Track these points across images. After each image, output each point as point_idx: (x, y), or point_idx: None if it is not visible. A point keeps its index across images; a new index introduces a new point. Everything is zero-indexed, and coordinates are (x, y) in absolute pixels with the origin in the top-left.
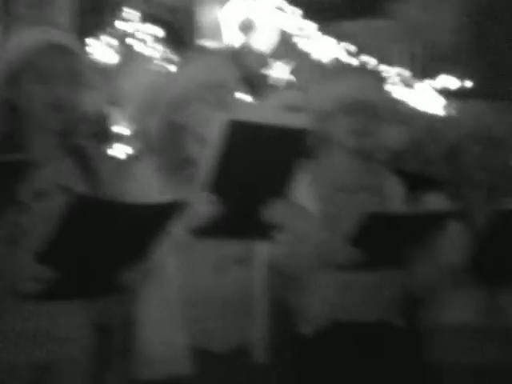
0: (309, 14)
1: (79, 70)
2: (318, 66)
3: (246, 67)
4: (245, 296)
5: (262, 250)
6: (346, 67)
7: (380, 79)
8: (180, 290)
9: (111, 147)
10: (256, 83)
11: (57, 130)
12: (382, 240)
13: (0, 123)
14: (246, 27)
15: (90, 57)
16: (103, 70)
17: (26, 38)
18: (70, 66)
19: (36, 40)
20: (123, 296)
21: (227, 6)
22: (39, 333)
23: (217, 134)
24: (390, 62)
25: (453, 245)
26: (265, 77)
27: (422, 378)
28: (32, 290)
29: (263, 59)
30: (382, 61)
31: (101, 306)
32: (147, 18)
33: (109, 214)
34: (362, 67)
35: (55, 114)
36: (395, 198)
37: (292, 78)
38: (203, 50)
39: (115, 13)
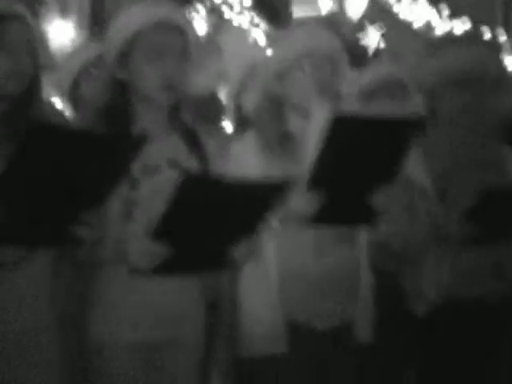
0: None
1: (189, 47)
2: (411, 31)
3: (341, 36)
4: (347, 275)
5: (365, 232)
6: (448, 38)
7: (491, 47)
8: (280, 270)
9: (218, 124)
10: (351, 52)
11: (166, 107)
12: (500, 216)
13: (110, 99)
14: None
15: (197, 33)
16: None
17: (137, 15)
18: (181, 43)
19: (147, 17)
20: (230, 272)
21: None
22: (152, 311)
23: (321, 129)
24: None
25: None
26: (360, 45)
27: None
28: (145, 265)
29: (358, 26)
30: (478, 24)
31: (210, 283)
32: None
33: (220, 192)
34: (468, 36)
35: (165, 91)
36: None
37: (383, 43)
38: (299, 20)
39: None
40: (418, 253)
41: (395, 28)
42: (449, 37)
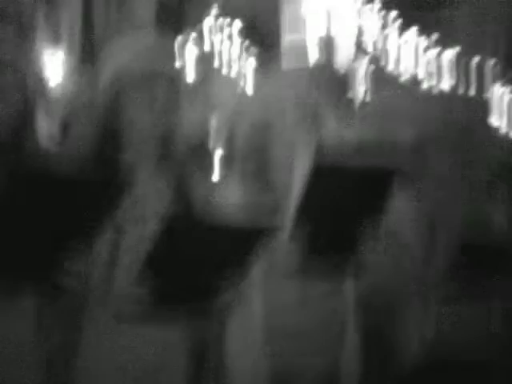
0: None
1: (179, 95)
2: (397, 84)
3: (328, 88)
4: (332, 330)
5: (351, 285)
6: (434, 94)
7: (475, 104)
8: (265, 323)
9: (207, 168)
10: (338, 105)
11: (155, 155)
12: (481, 274)
13: (99, 145)
14: (327, 43)
15: (183, 80)
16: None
17: (128, 64)
18: (171, 92)
19: (138, 66)
20: (216, 319)
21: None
22: (135, 361)
23: (303, 179)
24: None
25: None
26: (347, 97)
27: None
28: (129, 310)
29: (344, 78)
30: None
31: (197, 334)
32: (226, 11)
33: (204, 235)
34: (453, 93)
35: (154, 140)
36: (503, 225)
37: (369, 96)
38: (286, 71)
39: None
40: (402, 306)
41: (382, 81)
42: (434, 93)
